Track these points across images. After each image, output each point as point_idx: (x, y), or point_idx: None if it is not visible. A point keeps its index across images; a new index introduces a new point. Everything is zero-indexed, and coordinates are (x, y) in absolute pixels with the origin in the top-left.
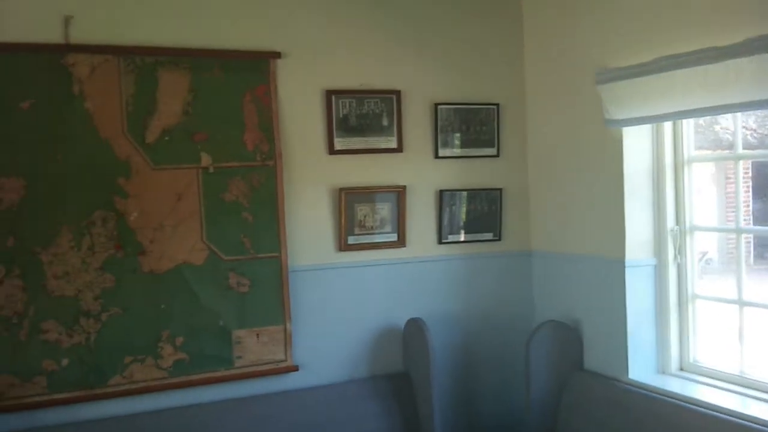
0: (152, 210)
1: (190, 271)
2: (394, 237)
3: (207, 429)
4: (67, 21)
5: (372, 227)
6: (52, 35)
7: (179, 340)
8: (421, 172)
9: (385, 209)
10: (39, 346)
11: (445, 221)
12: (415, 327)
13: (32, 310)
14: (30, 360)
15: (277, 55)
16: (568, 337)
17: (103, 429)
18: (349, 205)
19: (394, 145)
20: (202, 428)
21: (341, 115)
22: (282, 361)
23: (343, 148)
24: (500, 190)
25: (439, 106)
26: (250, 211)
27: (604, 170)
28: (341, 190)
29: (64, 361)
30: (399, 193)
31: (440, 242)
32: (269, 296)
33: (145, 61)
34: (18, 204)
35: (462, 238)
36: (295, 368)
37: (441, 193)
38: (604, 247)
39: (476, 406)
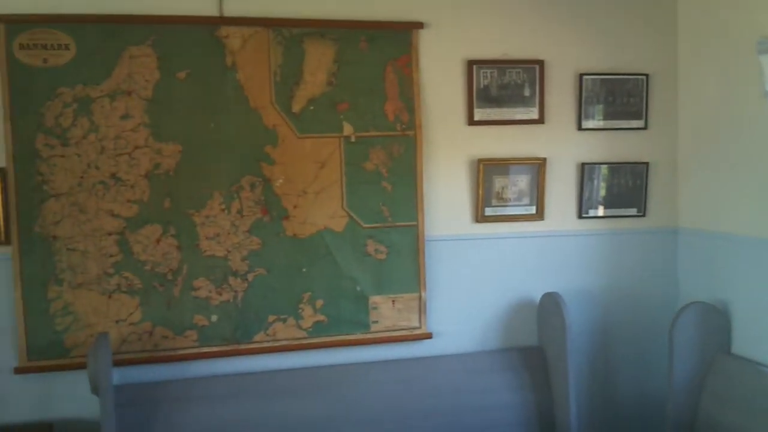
0: (296, 177)
1: (330, 237)
2: (532, 210)
3: (343, 389)
4: None
5: (509, 199)
6: (208, 8)
7: (319, 302)
8: (563, 144)
9: (523, 181)
10: (191, 302)
11: (586, 195)
12: (551, 301)
13: (185, 268)
14: (182, 315)
15: (419, 25)
16: (716, 320)
17: (248, 383)
18: (487, 177)
19: (535, 116)
20: (339, 388)
21: (482, 86)
22: (416, 328)
23: (483, 118)
24: (646, 164)
25: (584, 77)
26: (389, 180)
27: (762, 145)
28: (480, 161)
29: (214, 317)
30: (539, 165)
31: (580, 216)
32: (405, 264)
33: (293, 33)
34: (174, 168)
35: (603, 213)
36: (429, 336)
37: (583, 166)
38: (761, 226)
39: (613, 386)
